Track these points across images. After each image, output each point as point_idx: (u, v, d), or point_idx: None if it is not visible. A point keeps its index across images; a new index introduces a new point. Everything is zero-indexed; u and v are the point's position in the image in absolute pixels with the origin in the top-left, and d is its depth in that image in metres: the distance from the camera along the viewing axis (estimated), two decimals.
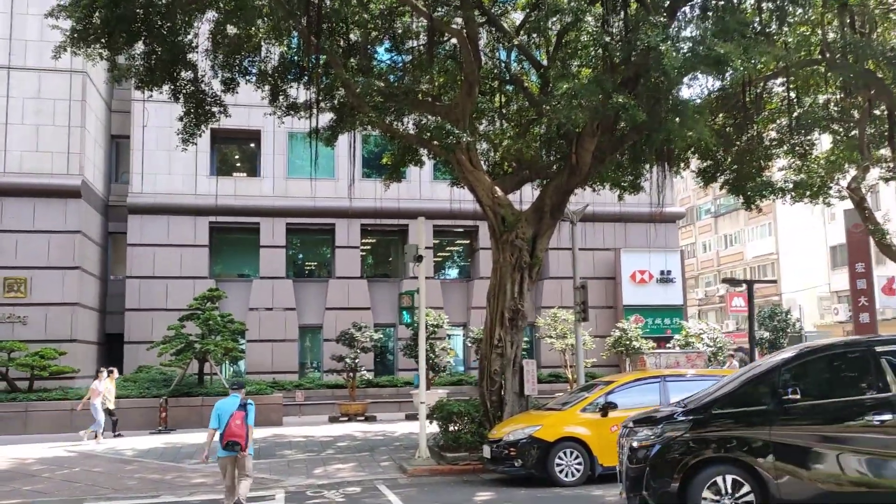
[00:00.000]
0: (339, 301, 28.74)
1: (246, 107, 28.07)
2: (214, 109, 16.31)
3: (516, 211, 15.07)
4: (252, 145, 30.30)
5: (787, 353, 8.99)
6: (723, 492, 8.00)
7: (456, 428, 14.37)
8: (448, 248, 32.19)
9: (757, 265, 55.00)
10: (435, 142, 14.27)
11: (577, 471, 12.05)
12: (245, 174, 30.36)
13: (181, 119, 16.10)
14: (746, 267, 55.72)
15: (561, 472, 12.09)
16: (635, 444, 8.54)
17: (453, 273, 32.50)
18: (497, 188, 15.04)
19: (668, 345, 27.34)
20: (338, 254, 29.28)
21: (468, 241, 31.50)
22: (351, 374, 24.23)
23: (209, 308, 23.73)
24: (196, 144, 17.37)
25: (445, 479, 13.32)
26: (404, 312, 15.57)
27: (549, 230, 14.98)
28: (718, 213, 60.86)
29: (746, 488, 7.99)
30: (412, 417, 23.21)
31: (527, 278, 14.46)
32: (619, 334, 26.74)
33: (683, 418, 8.41)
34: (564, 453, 12.12)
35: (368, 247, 31.31)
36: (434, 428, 15.17)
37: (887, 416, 7.87)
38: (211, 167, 29.11)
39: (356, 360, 24.24)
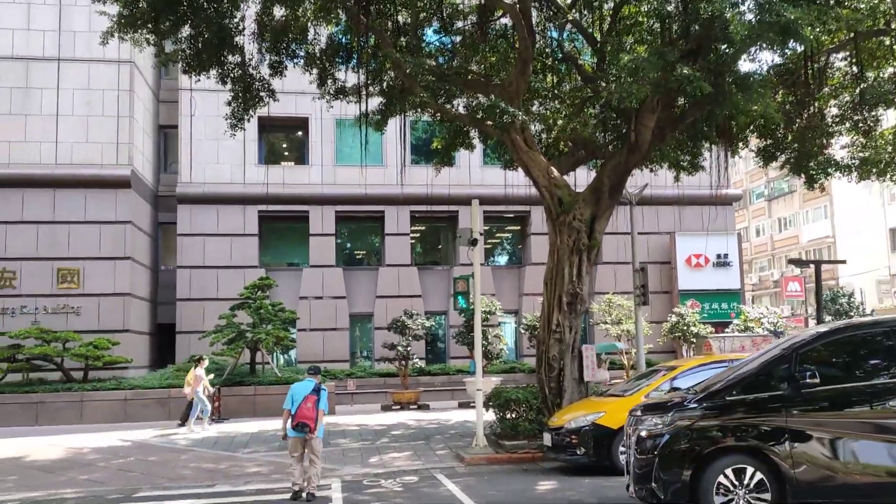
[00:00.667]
0: (390, 289, 28.52)
1: (293, 94, 27.93)
2: (262, 94, 16.08)
3: (573, 192, 14.57)
4: (300, 133, 30.20)
5: (804, 334, 8.48)
6: (737, 483, 7.53)
7: (513, 415, 13.95)
8: (499, 235, 31.69)
9: (813, 248, 53.45)
10: (488, 122, 13.83)
11: None
12: (293, 162, 30.28)
13: (229, 104, 15.92)
14: (802, 251, 54.19)
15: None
16: (643, 434, 8.02)
17: (505, 259, 32.01)
18: (553, 168, 14.54)
19: (726, 330, 26.56)
20: (387, 241, 29.06)
21: (519, 227, 30.98)
22: (403, 363, 23.97)
23: (260, 297, 23.69)
24: (244, 130, 17.19)
25: (503, 467, 12.93)
26: (459, 297, 15.19)
27: (608, 211, 14.44)
28: (772, 196, 59.31)
29: (763, 479, 7.51)
30: (465, 406, 22.88)
31: (585, 261, 13.97)
32: (675, 320, 26.03)
33: (696, 405, 7.90)
34: None
35: (418, 234, 31.01)
36: (490, 416, 14.78)
37: None
38: (259, 156, 29.07)
39: (408, 348, 23.97)
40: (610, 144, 15.97)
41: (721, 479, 7.52)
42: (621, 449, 11.48)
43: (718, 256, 29.28)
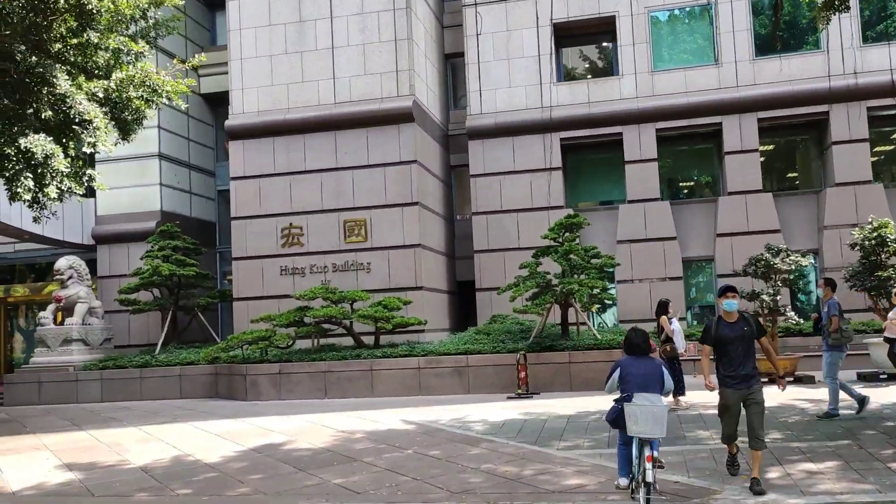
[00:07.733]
0: (734, 224, 21.83)
1: None
2: None
3: None
4: (604, 41, 24.50)
5: None
6: None
7: None
8: (881, 147, 23.24)
9: None
10: None
11: None
12: (599, 76, 24.60)
13: None
14: None
15: None
16: None
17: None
18: None
19: None
20: (728, 162, 22.22)
21: None
22: (770, 318, 17.07)
23: (568, 239, 18.69)
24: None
25: None
26: None
27: None
28: None
29: None
30: (871, 378, 15.90)
31: None
32: None
33: None
34: None
35: (769, 150, 23.67)
36: None
37: None
38: (557, 73, 23.87)
39: (776, 298, 17.08)
40: None
41: None
42: None
43: None
